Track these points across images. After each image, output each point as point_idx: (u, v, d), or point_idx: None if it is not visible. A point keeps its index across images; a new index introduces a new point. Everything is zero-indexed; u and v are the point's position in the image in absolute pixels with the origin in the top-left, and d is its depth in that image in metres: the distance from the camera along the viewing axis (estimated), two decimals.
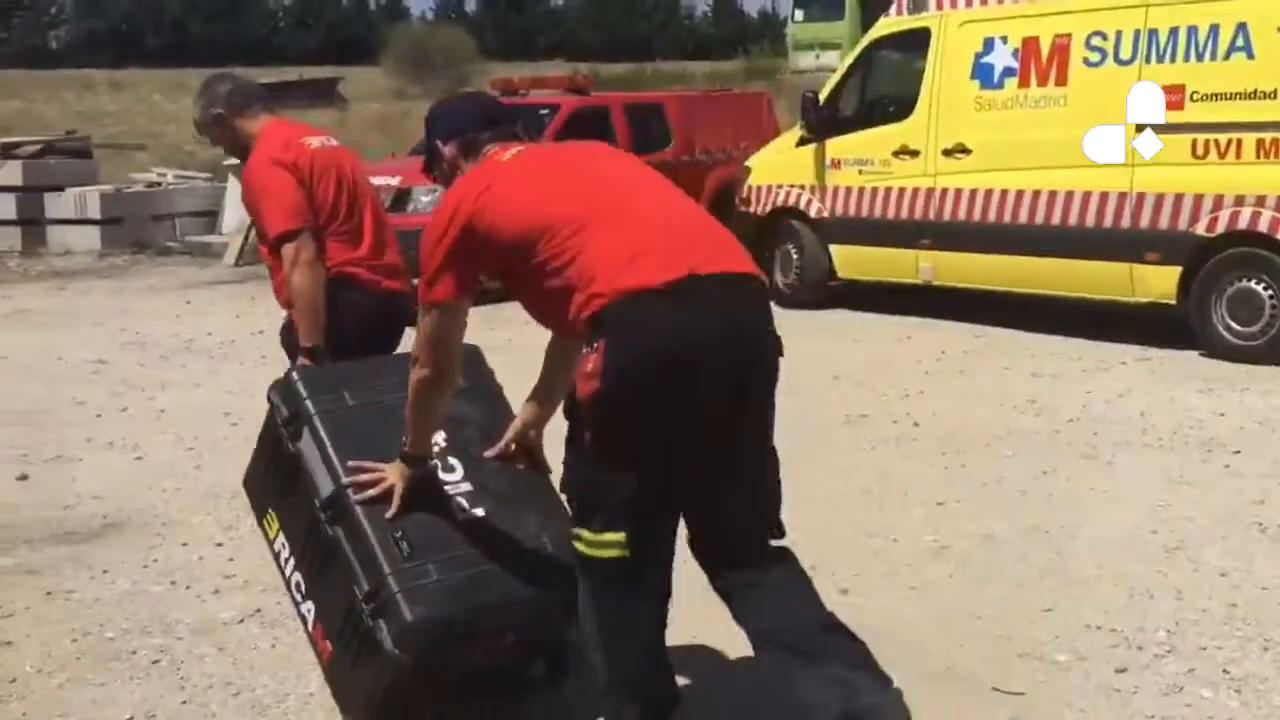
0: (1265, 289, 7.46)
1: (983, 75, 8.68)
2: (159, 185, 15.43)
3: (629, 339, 2.56)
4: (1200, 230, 7.62)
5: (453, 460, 3.16)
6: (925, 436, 6.02)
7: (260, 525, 3.36)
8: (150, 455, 5.94)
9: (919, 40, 9.16)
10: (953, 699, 3.39)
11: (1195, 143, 7.57)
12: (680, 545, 2.83)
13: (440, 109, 3.13)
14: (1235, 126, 7.42)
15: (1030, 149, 8.32)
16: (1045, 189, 8.29)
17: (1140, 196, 7.83)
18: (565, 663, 3.24)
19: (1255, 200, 7.41)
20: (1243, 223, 7.48)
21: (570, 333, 2.73)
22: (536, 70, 25.55)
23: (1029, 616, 3.90)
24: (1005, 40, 8.55)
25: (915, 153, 9.06)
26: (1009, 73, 8.52)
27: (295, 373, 3.36)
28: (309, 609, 3.16)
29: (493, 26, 65.43)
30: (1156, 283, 7.87)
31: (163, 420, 6.61)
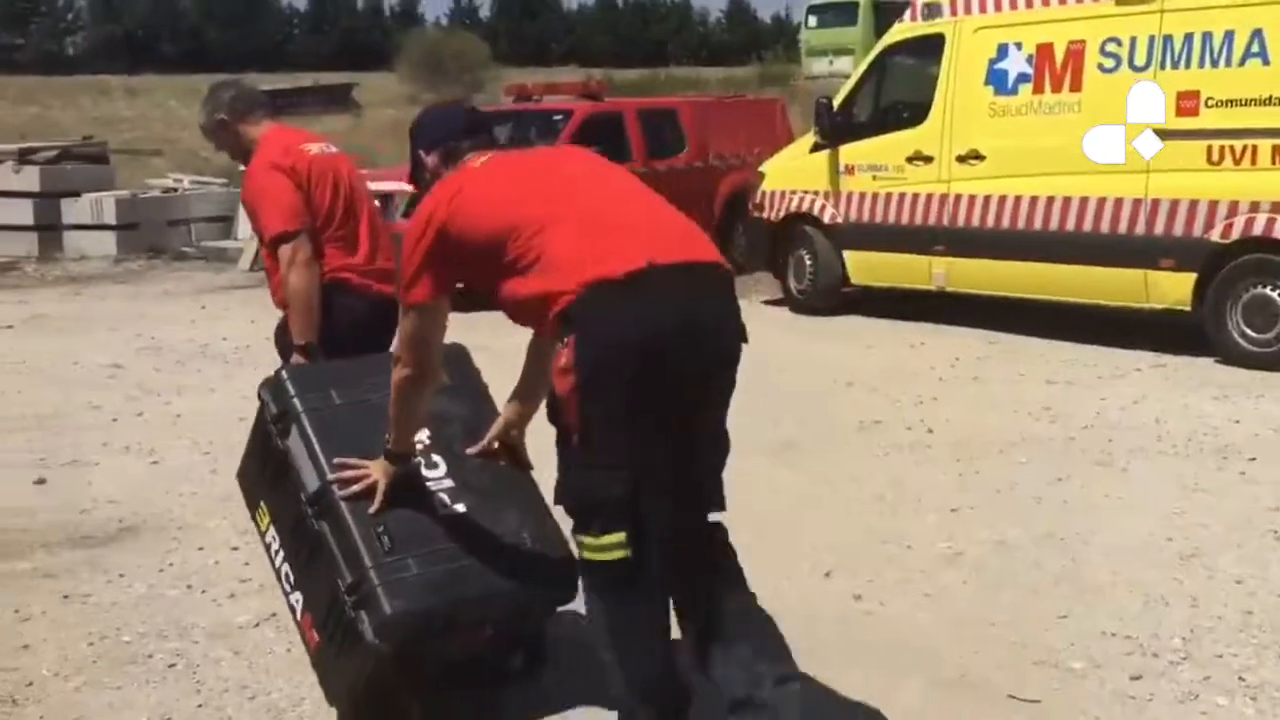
0: None
1: (997, 81, 8.67)
2: (175, 191, 15.51)
3: (596, 331, 2.65)
4: (1215, 236, 7.60)
5: (436, 457, 3.27)
6: (939, 443, 6.02)
7: (253, 518, 3.49)
8: (166, 460, 5.97)
9: (933, 46, 9.16)
10: (967, 706, 3.38)
11: (1210, 149, 7.55)
12: None
13: (422, 120, 3.24)
14: (1250, 132, 7.40)
15: (1044, 155, 8.31)
16: (1059, 195, 8.28)
17: (1155, 202, 7.81)
18: (543, 654, 3.36)
19: (1270, 206, 7.38)
20: (1258, 229, 7.45)
21: (543, 331, 2.83)
22: (550, 76, 25.69)
23: (1043, 623, 3.89)
24: (1019, 46, 8.54)
25: (929, 159, 9.06)
26: (1023, 79, 8.51)
27: (284, 371, 3.46)
28: (297, 600, 3.28)
29: (507, 32, 65.61)
30: (1171, 289, 7.85)
31: (178, 425, 6.64)
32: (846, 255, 9.73)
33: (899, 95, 9.92)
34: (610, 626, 2.79)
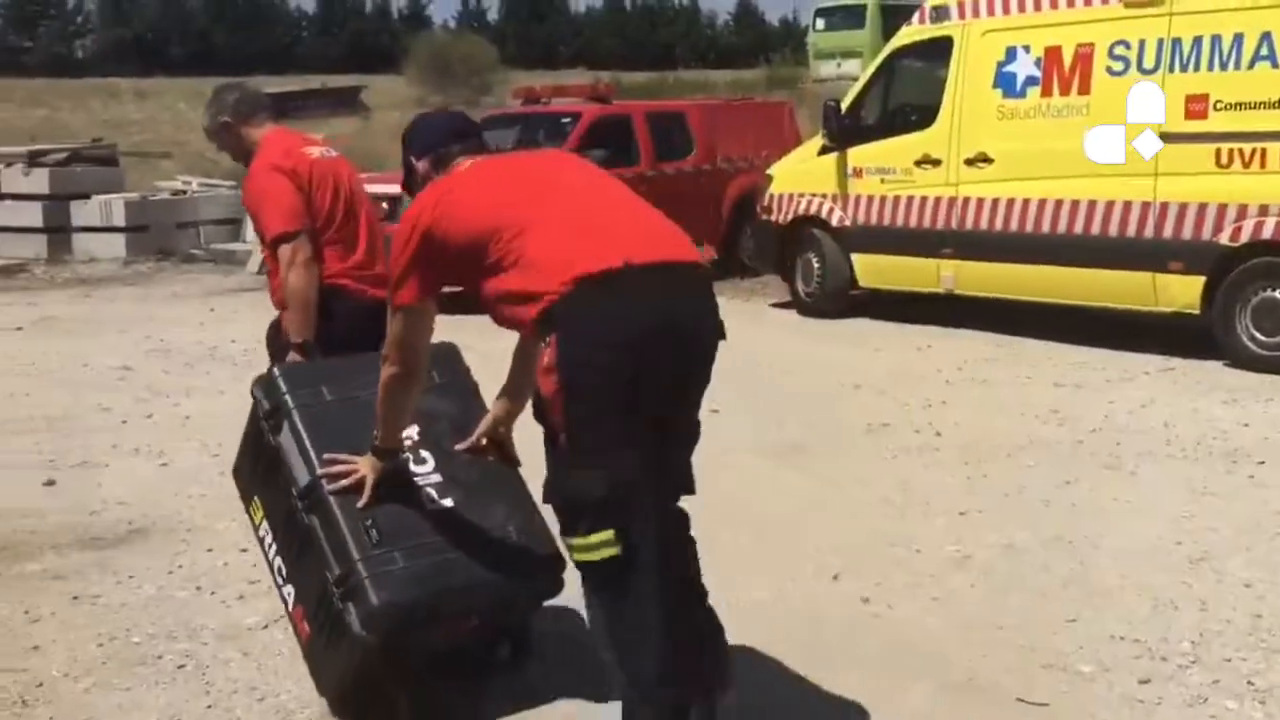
0: None
1: (1005, 84, 8.66)
2: (184, 193, 15.55)
3: (577, 331, 2.69)
4: (1224, 240, 7.58)
5: (425, 453, 3.34)
6: (947, 446, 6.01)
7: (247, 512, 3.57)
8: (175, 461, 5.99)
9: (941, 49, 9.16)
10: (976, 709, 3.38)
11: (1219, 152, 7.54)
12: None
13: (413, 127, 3.32)
14: (1259, 136, 7.39)
15: (1053, 158, 8.30)
16: (1068, 198, 8.27)
17: (1163, 206, 7.80)
18: (529, 647, 3.43)
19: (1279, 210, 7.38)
20: (1267, 232, 7.44)
21: (526, 332, 2.89)
22: (558, 79, 25.67)
23: (1052, 627, 3.89)
24: (1028, 49, 8.53)
25: (937, 162, 9.06)
26: (1031, 82, 8.51)
27: (277, 369, 3.54)
28: (289, 592, 3.36)
29: (515, 35, 65.63)
30: (1180, 292, 7.84)
31: (187, 427, 6.65)
32: (854, 258, 9.73)
33: (907, 98, 9.92)
34: (608, 626, 2.81)
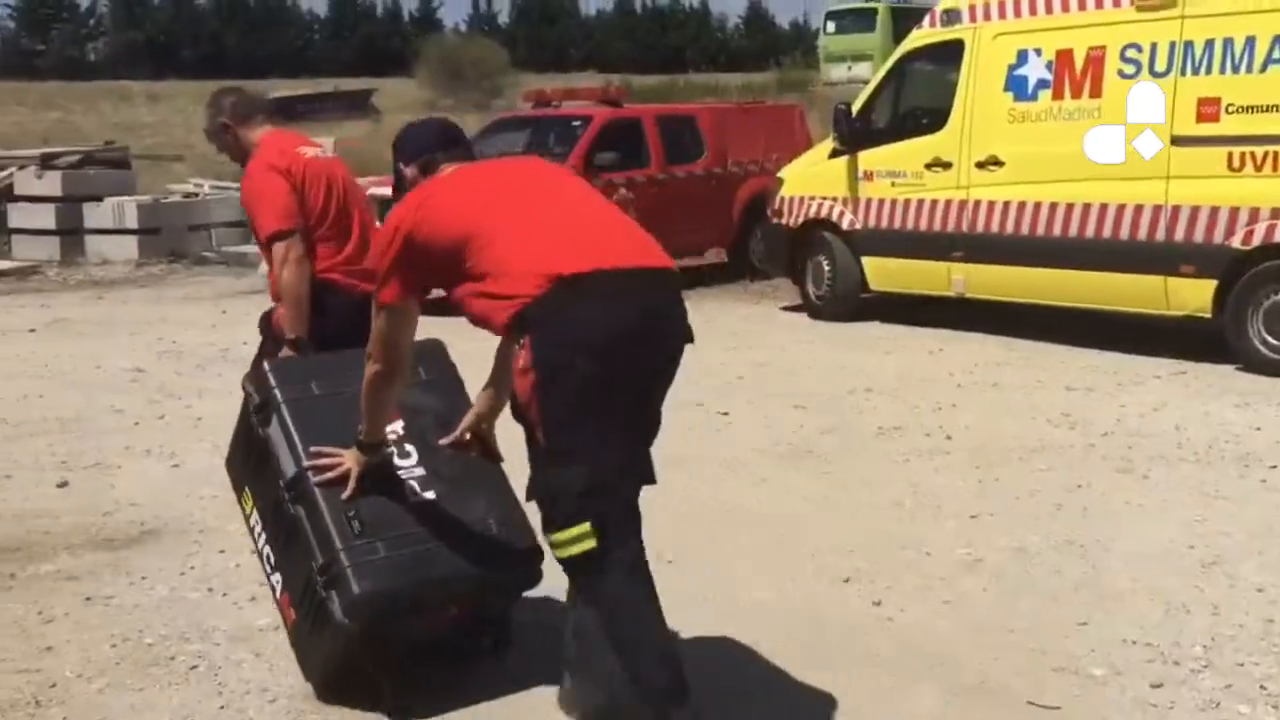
0: None
1: (1016, 87, 8.65)
2: (195, 196, 15.61)
3: (550, 333, 2.80)
4: (1236, 243, 7.56)
5: (409, 447, 3.45)
6: (958, 449, 6.01)
7: (239, 502, 3.68)
8: (187, 463, 6.00)
9: (952, 52, 9.15)
10: (987, 713, 3.38)
11: (1231, 155, 7.52)
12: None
13: (402, 135, 3.41)
14: (1272, 139, 7.37)
15: (1064, 161, 8.28)
16: (1079, 201, 8.26)
17: (1175, 209, 7.78)
18: (509, 638, 3.51)
19: None
20: (1279, 236, 7.42)
21: (501, 333, 2.97)
22: (569, 82, 25.69)
23: (1063, 630, 3.88)
24: (1039, 52, 8.52)
25: (948, 165, 9.05)
26: (1043, 85, 8.49)
27: (267, 364, 3.66)
28: (277, 580, 3.48)
29: (525, 38, 65.59)
30: (1191, 296, 7.83)
31: (200, 428, 6.66)
32: (865, 261, 9.72)
33: (918, 101, 9.92)
34: (598, 621, 2.88)
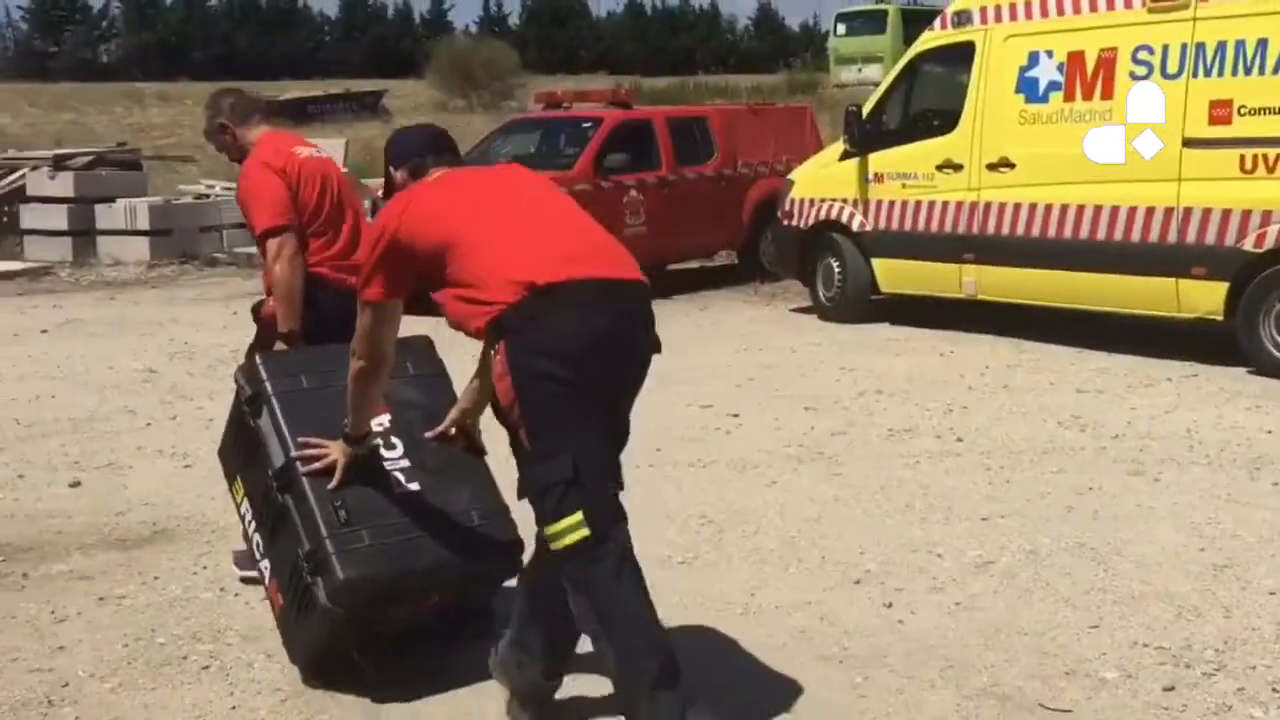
0: None
1: (1027, 89, 8.63)
2: (207, 197, 15.63)
3: (523, 340, 2.89)
4: (1248, 246, 7.54)
5: (395, 439, 3.58)
6: (969, 451, 6.00)
7: (230, 491, 3.82)
8: (199, 463, 6.02)
9: (963, 54, 9.13)
10: (998, 716, 3.38)
11: (1243, 157, 7.49)
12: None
13: (393, 140, 3.50)
14: None
15: (1075, 163, 8.26)
16: (1090, 203, 8.24)
17: (1187, 211, 7.76)
18: (490, 626, 3.57)
19: None
20: None
21: (477, 338, 3.05)
22: (579, 83, 25.69)
23: (1075, 633, 3.88)
24: (1050, 54, 8.50)
25: (959, 167, 9.04)
26: (1054, 86, 8.47)
27: (259, 357, 3.78)
28: (266, 566, 3.61)
29: (536, 40, 65.61)
30: (1203, 298, 7.80)
31: (211, 429, 6.65)
32: (875, 263, 9.71)
33: (928, 103, 9.90)
34: (596, 609, 2.92)
